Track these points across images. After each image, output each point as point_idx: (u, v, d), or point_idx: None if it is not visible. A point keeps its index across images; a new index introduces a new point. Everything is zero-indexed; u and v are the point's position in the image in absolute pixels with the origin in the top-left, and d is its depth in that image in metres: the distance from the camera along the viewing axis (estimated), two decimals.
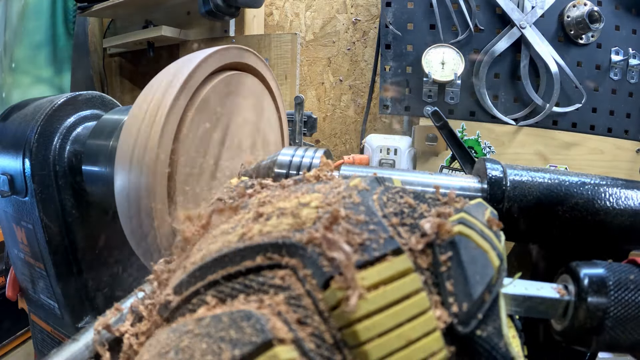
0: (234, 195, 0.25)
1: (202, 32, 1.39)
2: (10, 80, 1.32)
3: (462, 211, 0.19)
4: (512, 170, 0.34)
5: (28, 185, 0.47)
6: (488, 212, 0.19)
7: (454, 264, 0.16)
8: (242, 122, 0.44)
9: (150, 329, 0.19)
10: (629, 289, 0.22)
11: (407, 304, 0.15)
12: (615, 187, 0.32)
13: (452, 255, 0.16)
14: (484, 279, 0.16)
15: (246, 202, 0.22)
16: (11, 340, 0.94)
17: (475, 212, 0.19)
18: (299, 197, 0.19)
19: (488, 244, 0.17)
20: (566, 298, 0.23)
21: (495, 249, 0.17)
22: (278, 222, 0.17)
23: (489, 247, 0.17)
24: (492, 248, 0.17)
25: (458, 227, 0.17)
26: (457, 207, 0.19)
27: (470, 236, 0.17)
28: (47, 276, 0.51)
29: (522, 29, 0.97)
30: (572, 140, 1.00)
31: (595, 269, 0.23)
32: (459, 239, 0.17)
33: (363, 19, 1.30)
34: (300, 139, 0.93)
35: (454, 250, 0.16)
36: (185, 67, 0.36)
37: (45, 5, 1.34)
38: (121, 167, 0.33)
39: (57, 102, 0.50)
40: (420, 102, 1.04)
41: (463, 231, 0.17)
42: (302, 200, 0.18)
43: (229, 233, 0.18)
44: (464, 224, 0.17)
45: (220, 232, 0.19)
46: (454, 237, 0.17)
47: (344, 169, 0.39)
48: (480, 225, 0.18)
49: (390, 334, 0.14)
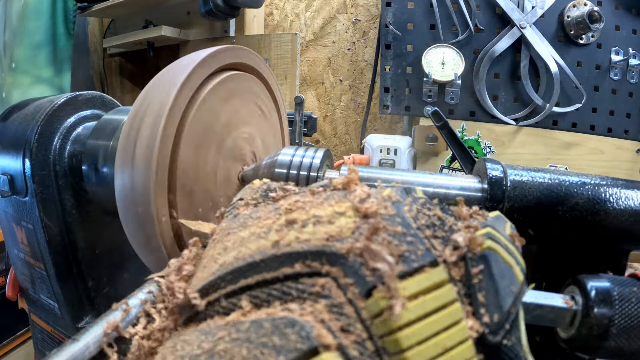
0: (257, 196, 0.25)
1: (202, 32, 1.39)
2: (10, 80, 1.32)
3: (487, 225, 0.19)
4: (513, 170, 0.34)
5: (28, 185, 0.47)
6: (508, 226, 0.20)
7: (485, 277, 0.17)
8: (242, 122, 0.44)
9: (164, 330, 0.19)
10: (631, 302, 0.24)
11: (443, 314, 0.15)
12: (616, 187, 0.32)
13: (484, 268, 0.17)
14: (512, 291, 0.17)
15: (275, 206, 0.22)
16: (11, 340, 0.94)
17: (498, 225, 0.20)
18: (334, 205, 0.19)
19: (513, 259, 0.18)
20: (574, 308, 0.24)
21: (519, 264, 0.18)
22: (315, 230, 0.17)
23: (514, 262, 0.18)
24: (516, 263, 0.18)
25: (488, 242, 0.18)
26: (480, 220, 0.20)
27: (498, 251, 0.18)
28: (47, 276, 0.51)
29: (522, 29, 0.97)
30: (572, 140, 1.00)
31: (601, 281, 0.25)
32: (490, 254, 0.17)
33: (363, 19, 1.30)
34: (300, 139, 0.93)
35: (485, 264, 0.17)
36: (185, 67, 0.36)
37: (45, 5, 1.34)
38: (121, 167, 0.33)
39: (57, 102, 0.50)
40: (421, 102, 1.04)
41: (492, 246, 0.18)
42: (337, 209, 0.19)
43: (262, 237, 0.18)
44: (492, 239, 0.18)
45: (250, 235, 0.19)
46: (485, 251, 0.17)
47: (343, 170, 0.39)
48: (504, 240, 0.19)
49: (428, 342, 0.14)
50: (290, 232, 0.18)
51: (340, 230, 0.17)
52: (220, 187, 0.42)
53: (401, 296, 0.15)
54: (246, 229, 0.20)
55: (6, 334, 0.93)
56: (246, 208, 0.24)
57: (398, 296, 0.15)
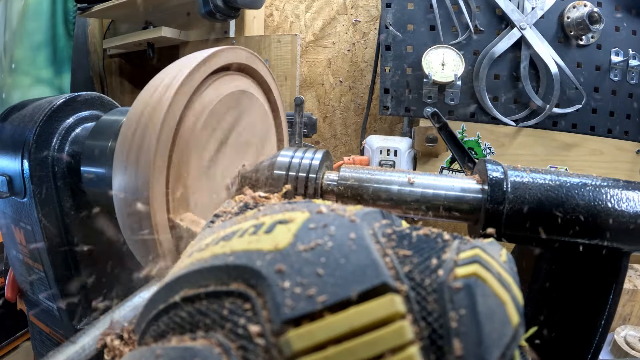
0: (234, 210, 0.24)
1: (202, 33, 1.39)
2: (10, 81, 1.32)
3: (477, 247, 0.15)
4: (513, 171, 0.34)
5: (27, 187, 0.47)
6: (504, 253, 0.16)
7: (467, 317, 0.12)
8: (240, 123, 0.44)
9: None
10: None
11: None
12: (617, 189, 0.32)
13: (466, 303, 0.12)
14: (501, 339, 0.12)
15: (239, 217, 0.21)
16: (10, 342, 0.94)
17: (492, 250, 0.15)
18: (284, 213, 0.17)
19: (507, 294, 0.13)
20: None
21: (514, 299, 0.14)
22: (246, 241, 0.15)
23: (508, 297, 0.13)
24: (511, 299, 0.13)
25: (473, 267, 0.13)
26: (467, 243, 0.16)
27: (488, 280, 0.13)
28: (46, 277, 0.51)
29: (522, 30, 0.97)
30: (572, 141, 1.00)
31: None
32: (475, 283, 0.13)
33: (363, 20, 1.30)
34: (300, 140, 0.93)
35: (469, 298, 0.12)
36: (184, 68, 0.36)
37: (45, 6, 1.34)
38: (119, 168, 0.33)
39: (56, 102, 0.50)
40: (420, 103, 1.04)
41: (479, 273, 0.13)
42: (282, 217, 0.16)
43: (202, 250, 0.17)
44: (480, 264, 0.14)
45: (199, 248, 0.18)
46: (469, 279, 0.13)
47: (343, 170, 0.39)
48: (497, 267, 0.14)
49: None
50: (226, 243, 0.16)
51: (273, 242, 0.15)
52: (220, 189, 0.42)
53: (325, 339, 0.11)
54: (200, 242, 0.19)
55: (5, 335, 0.93)
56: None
57: (317, 337, 0.11)
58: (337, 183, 0.37)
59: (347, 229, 0.15)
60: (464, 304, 0.12)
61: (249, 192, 0.28)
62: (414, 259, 0.14)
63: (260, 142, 0.49)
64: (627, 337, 0.82)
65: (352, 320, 0.12)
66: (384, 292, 0.12)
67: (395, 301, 0.12)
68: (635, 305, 0.87)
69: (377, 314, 0.12)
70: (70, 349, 0.22)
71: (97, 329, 0.23)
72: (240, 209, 0.24)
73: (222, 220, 0.23)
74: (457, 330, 0.12)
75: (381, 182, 0.36)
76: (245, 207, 0.25)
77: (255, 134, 0.48)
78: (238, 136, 0.44)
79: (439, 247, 0.15)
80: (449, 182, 0.36)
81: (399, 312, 0.12)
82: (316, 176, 0.38)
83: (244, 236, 0.16)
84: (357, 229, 0.15)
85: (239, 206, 0.25)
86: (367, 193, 0.36)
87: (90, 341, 0.22)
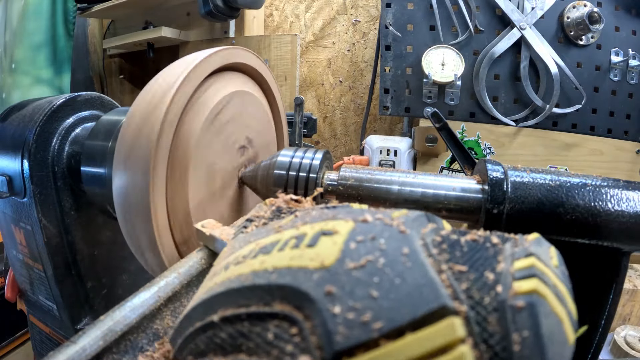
0: (267, 216, 0.24)
1: (202, 33, 1.39)
2: (10, 81, 1.32)
3: (531, 254, 0.14)
4: (513, 171, 0.34)
5: (27, 186, 0.47)
6: (553, 252, 0.15)
7: (530, 340, 0.11)
8: (241, 123, 0.44)
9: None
10: None
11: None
12: (617, 189, 0.32)
13: (529, 324, 0.11)
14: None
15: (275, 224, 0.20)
16: (10, 342, 0.94)
17: (542, 254, 0.14)
18: (327, 222, 0.16)
19: (564, 310, 0.12)
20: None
21: (570, 315, 0.12)
22: (288, 256, 0.14)
23: (565, 314, 0.12)
24: (567, 315, 0.12)
25: (533, 283, 0.12)
26: (520, 246, 0.15)
27: (547, 297, 0.12)
28: (46, 277, 0.51)
29: (522, 30, 0.97)
30: (572, 141, 1.00)
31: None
32: (538, 302, 0.12)
33: (363, 20, 1.30)
34: (300, 140, 0.93)
35: (532, 319, 0.11)
36: (184, 68, 0.36)
37: (45, 6, 1.34)
38: (120, 168, 0.33)
39: (56, 102, 0.50)
40: (420, 103, 1.04)
41: (539, 290, 0.12)
42: (324, 226, 0.15)
43: (240, 263, 0.16)
44: (538, 278, 0.12)
45: (235, 260, 0.17)
46: (531, 296, 0.12)
47: (343, 170, 0.39)
48: (553, 278, 0.13)
49: None
50: (266, 257, 0.15)
51: (319, 259, 0.13)
52: (220, 188, 0.42)
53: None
54: (235, 252, 0.18)
55: (5, 335, 0.93)
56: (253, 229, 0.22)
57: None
58: (338, 183, 0.37)
59: (399, 242, 0.14)
60: (527, 325, 0.11)
61: (281, 196, 0.27)
62: (470, 275, 0.13)
63: (260, 142, 0.49)
64: (627, 337, 0.82)
65: (411, 349, 0.11)
66: (444, 316, 0.11)
67: (455, 325, 0.11)
68: (635, 305, 0.87)
69: (437, 341, 0.11)
70: (71, 349, 0.22)
71: (98, 329, 0.23)
72: (274, 213, 0.23)
73: (256, 225, 0.22)
74: (521, 354, 0.11)
75: (381, 182, 0.36)
76: (279, 212, 0.24)
77: (255, 134, 0.48)
78: (238, 136, 0.44)
79: (491, 255, 0.14)
80: (449, 182, 0.36)
81: (459, 338, 0.11)
82: (316, 176, 0.38)
83: (284, 250, 0.15)
84: (409, 241, 0.14)
85: (271, 210, 0.24)
86: (367, 193, 0.36)
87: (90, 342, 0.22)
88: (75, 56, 1.49)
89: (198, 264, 0.31)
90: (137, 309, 0.25)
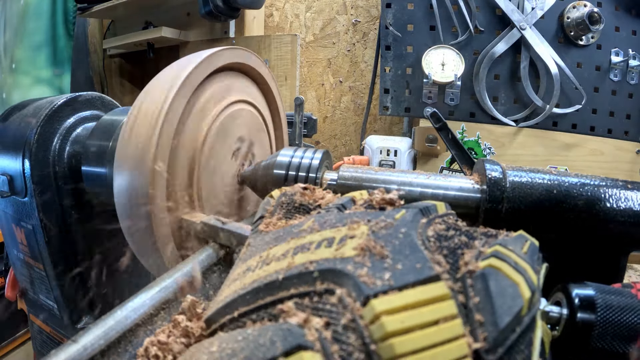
0: (280, 213, 0.26)
1: (202, 34, 1.39)
2: (10, 81, 1.32)
3: (497, 244, 0.20)
4: (512, 171, 0.34)
5: (28, 186, 0.47)
6: (527, 244, 0.21)
7: (482, 296, 0.17)
8: (240, 123, 0.44)
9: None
10: (613, 309, 0.26)
11: (441, 328, 0.15)
12: (616, 189, 0.32)
13: (481, 286, 0.17)
14: (512, 309, 0.16)
15: (296, 227, 0.24)
16: (10, 341, 0.94)
17: (513, 244, 0.20)
18: (347, 228, 0.21)
19: (520, 276, 0.18)
20: (561, 311, 0.27)
21: (528, 280, 0.18)
22: (325, 252, 0.20)
23: (521, 279, 0.18)
24: (524, 280, 0.18)
25: (489, 260, 0.18)
26: (495, 239, 0.21)
27: (501, 269, 0.18)
28: (47, 277, 0.51)
29: (522, 30, 0.97)
30: (572, 142, 1.00)
31: (586, 289, 0.27)
32: (489, 272, 0.18)
33: (363, 20, 1.30)
34: (300, 140, 0.93)
35: (483, 283, 0.17)
36: (184, 68, 0.36)
37: (46, 6, 1.34)
38: (120, 167, 0.33)
39: (56, 102, 0.50)
40: (420, 104, 1.04)
41: (494, 264, 0.18)
42: (348, 232, 0.21)
43: (279, 260, 0.21)
44: (496, 257, 0.19)
45: (269, 256, 0.22)
46: (485, 269, 0.18)
47: (343, 170, 0.39)
48: (514, 257, 0.19)
49: (424, 353, 0.15)
50: (304, 254, 0.20)
51: (344, 251, 0.19)
52: (220, 187, 0.42)
53: (398, 306, 0.16)
54: (266, 251, 0.22)
55: (5, 334, 0.93)
56: (267, 226, 0.26)
57: (394, 302, 0.16)
58: (337, 182, 0.38)
59: (402, 237, 0.20)
60: (479, 286, 0.17)
61: (296, 186, 0.28)
62: (450, 259, 0.19)
63: (259, 142, 0.49)
64: None
65: (410, 297, 0.16)
66: (437, 281, 0.17)
67: (444, 286, 0.17)
68: None
69: (434, 292, 0.16)
70: (72, 347, 0.22)
71: (99, 328, 0.23)
72: (287, 209, 0.27)
73: (268, 220, 0.26)
74: (477, 305, 0.17)
75: (380, 181, 0.37)
76: (290, 206, 0.27)
77: (255, 134, 0.48)
78: (238, 136, 0.44)
79: (466, 245, 0.20)
80: (448, 181, 0.36)
81: (446, 294, 0.16)
82: (316, 175, 0.38)
83: (320, 247, 0.20)
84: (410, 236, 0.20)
85: (280, 205, 0.27)
86: None
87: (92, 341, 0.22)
88: (76, 56, 1.49)
89: (201, 264, 0.32)
90: (139, 309, 0.25)
